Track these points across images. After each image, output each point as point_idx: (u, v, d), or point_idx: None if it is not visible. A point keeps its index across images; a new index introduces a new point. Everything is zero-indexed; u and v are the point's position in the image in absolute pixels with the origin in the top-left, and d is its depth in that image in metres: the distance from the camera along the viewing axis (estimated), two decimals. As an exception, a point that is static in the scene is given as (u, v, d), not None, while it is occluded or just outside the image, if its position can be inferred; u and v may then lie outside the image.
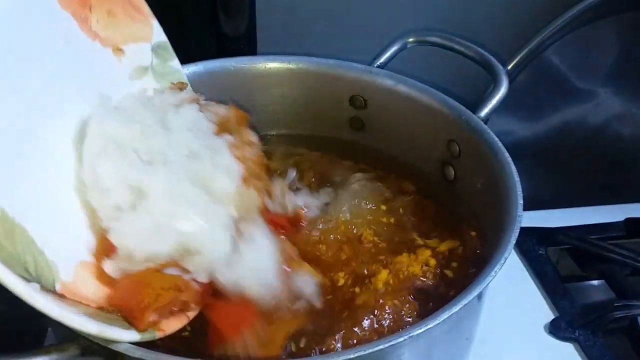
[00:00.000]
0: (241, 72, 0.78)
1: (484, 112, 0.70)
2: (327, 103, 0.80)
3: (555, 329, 0.79)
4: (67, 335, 0.45)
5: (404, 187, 0.73)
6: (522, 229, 0.92)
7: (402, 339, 0.45)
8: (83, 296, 0.46)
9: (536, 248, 0.91)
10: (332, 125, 0.81)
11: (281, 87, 0.80)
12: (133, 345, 0.45)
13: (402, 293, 0.57)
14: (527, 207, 1.00)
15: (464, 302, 0.48)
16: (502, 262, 0.51)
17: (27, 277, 0.42)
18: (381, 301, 0.56)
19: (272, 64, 0.78)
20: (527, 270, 0.88)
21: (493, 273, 0.50)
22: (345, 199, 0.67)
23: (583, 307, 0.82)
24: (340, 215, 0.66)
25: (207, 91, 0.76)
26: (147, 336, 0.46)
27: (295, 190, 0.67)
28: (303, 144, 0.80)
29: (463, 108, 0.70)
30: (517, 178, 0.61)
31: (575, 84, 1.00)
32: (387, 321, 0.55)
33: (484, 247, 0.64)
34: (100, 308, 0.46)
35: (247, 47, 0.84)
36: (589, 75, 1.00)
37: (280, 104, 0.81)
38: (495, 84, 0.70)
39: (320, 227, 0.64)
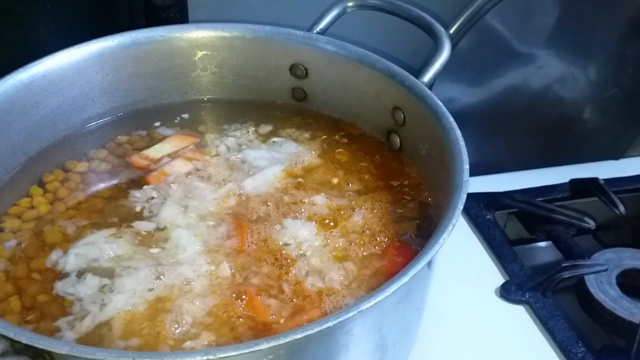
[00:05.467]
0: (171, 43, 0.74)
1: (427, 76, 0.68)
2: (266, 73, 0.77)
3: (506, 292, 0.79)
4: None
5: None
6: (470, 195, 0.91)
7: (351, 314, 0.43)
8: None
9: (484, 213, 0.91)
10: (274, 95, 0.78)
11: (216, 57, 0.76)
12: (60, 342, 0.41)
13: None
14: (474, 172, 0.99)
15: (414, 271, 0.46)
16: (451, 228, 0.50)
17: None
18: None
19: (204, 32, 0.74)
20: (476, 235, 0.88)
21: (442, 240, 0.49)
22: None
23: (532, 270, 0.82)
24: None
25: (135, 64, 0.73)
26: None
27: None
28: (244, 108, 0.77)
29: (406, 73, 0.68)
30: (462, 143, 0.59)
31: (516, 47, 0.99)
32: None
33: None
34: None
35: (179, 15, 0.79)
36: (530, 38, 0.99)
37: (216, 75, 0.77)
38: (437, 47, 0.69)
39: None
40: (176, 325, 0.52)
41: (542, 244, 0.92)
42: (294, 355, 0.45)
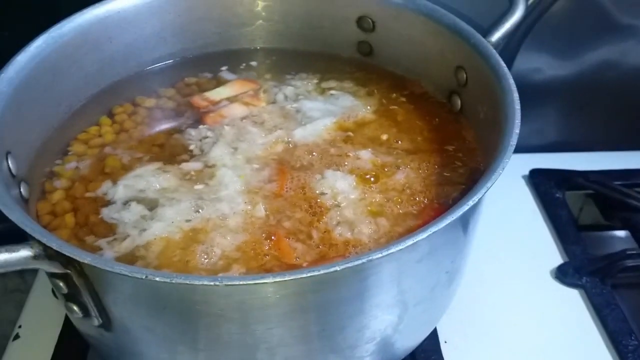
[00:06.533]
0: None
1: (495, 36, 0.65)
2: (333, 24, 0.76)
3: (561, 274, 0.75)
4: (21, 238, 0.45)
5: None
6: (540, 170, 0.89)
7: (359, 262, 0.43)
8: None
9: (553, 190, 0.86)
10: (339, 47, 0.77)
11: (278, 8, 0.76)
12: (84, 252, 0.44)
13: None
14: (552, 148, 0.95)
15: (433, 229, 0.44)
16: (484, 191, 0.48)
17: None
18: None
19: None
20: (541, 213, 0.85)
21: (470, 202, 0.47)
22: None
23: (594, 255, 0.77)
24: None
25: (204, 8, 0.75)
26: None
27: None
28: (309, 59, 0.77)
29: (472, 31, 0.65)
30: (517, 106, 0.56)
31: (616, 17, 0.91)
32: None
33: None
34: None
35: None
36: (633, 8, 0.91)
37: (280, 24, 0.78)
38: (511, 5, 0.66)
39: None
40: (205, 256, 0.54)
41: (620, 233, 0.85)
42: (304, 295, 0.46)
